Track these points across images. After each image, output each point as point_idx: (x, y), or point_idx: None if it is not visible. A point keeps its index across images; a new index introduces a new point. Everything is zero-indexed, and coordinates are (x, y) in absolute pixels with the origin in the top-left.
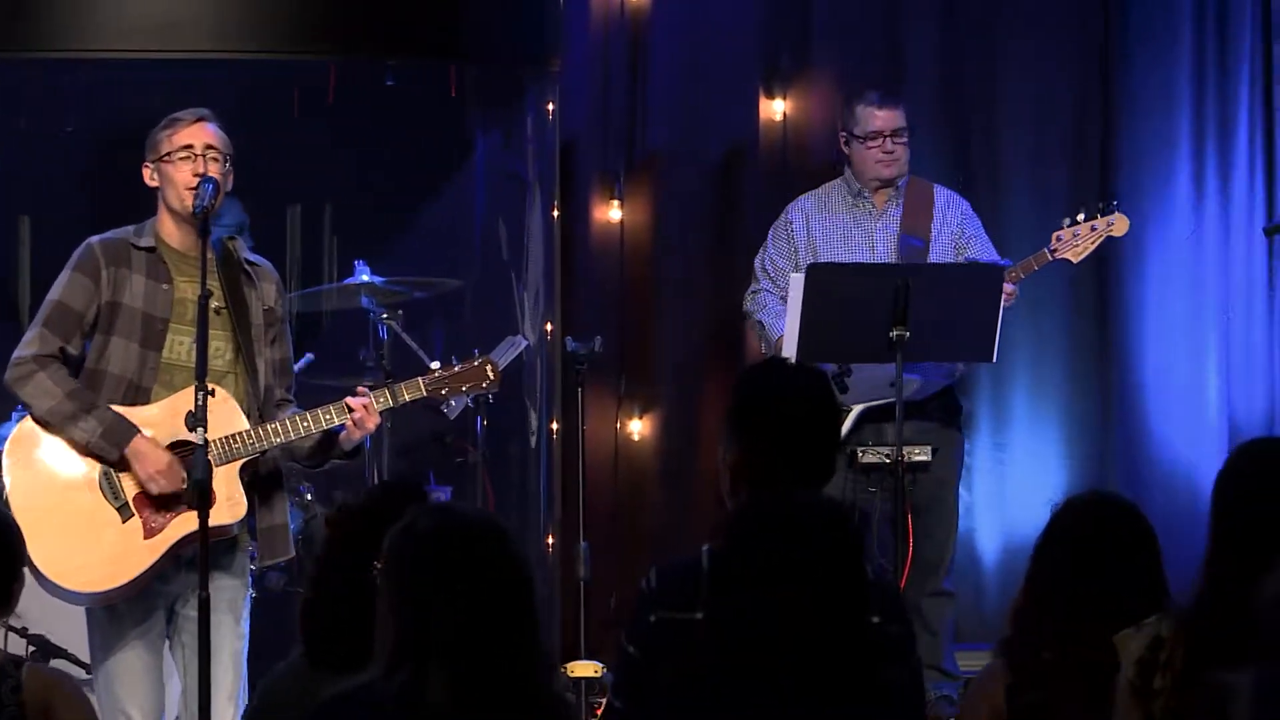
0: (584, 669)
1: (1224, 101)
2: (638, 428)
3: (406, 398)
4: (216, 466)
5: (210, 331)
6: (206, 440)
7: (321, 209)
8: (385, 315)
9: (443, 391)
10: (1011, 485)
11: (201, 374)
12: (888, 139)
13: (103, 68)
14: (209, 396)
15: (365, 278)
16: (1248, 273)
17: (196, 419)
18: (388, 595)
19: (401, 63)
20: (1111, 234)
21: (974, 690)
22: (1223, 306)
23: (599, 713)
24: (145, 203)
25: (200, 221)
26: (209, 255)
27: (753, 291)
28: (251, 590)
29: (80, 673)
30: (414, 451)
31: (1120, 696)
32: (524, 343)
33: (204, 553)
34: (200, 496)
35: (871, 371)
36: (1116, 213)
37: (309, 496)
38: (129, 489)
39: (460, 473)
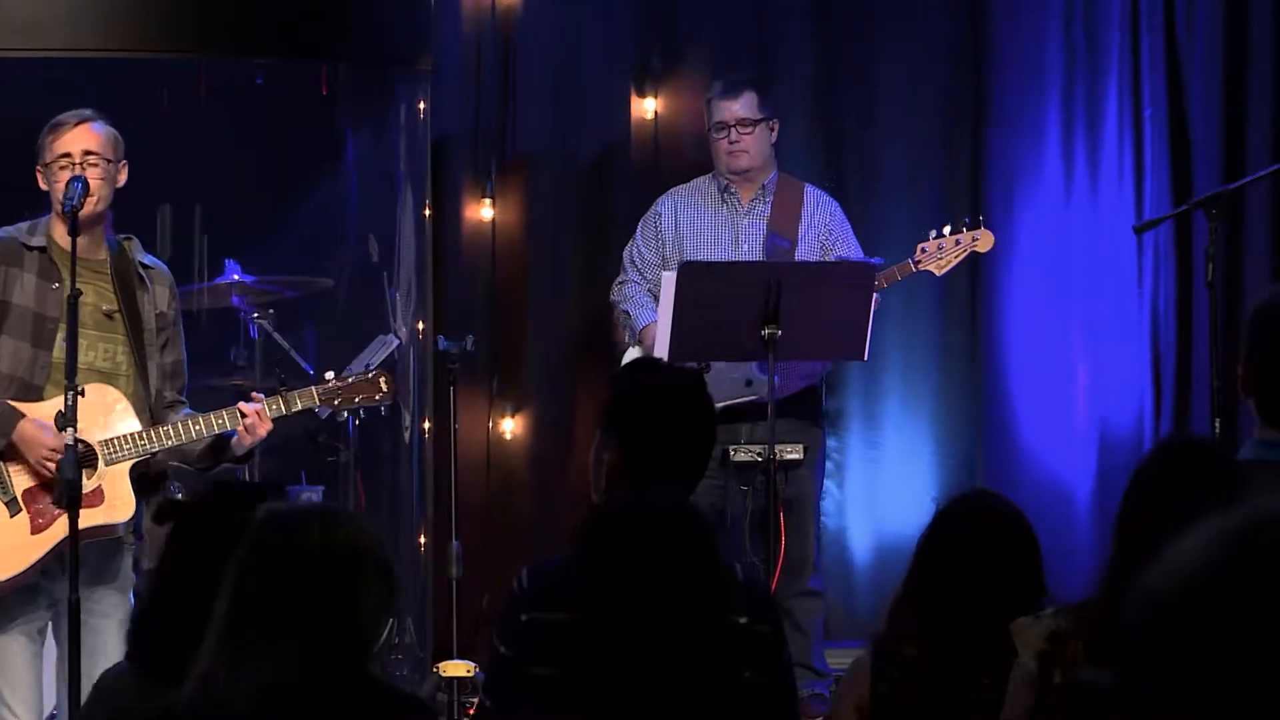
0: (456, 668)
1: (1093, 99)
2: (510, 426)
3: (300, 406)
4: (106, 466)
5: (103, 334)
6: (76, 440)
7: (192, 208)
8: (256, 314)
9: (335, 401)
10: (883, 485)
11: (71, 373)
12: (733, 129)
13: None
14: (81, 396)
15: (236, 277)
16: (1117, 271)
17: (66, 419)
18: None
19: (272, 62)
20: (976, 249)
21: (842, 686)
22: (1093, 305)
23: (470, 712)
24: (20, 201)
25: (69, 220)
26: (104, 257)
27: (620, 283)
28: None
29: None
30: (286, 450)
31: (1015, 685)
32: (395, 342)
33: (74, 553)
34: (71, 497)
35: (728, 372)
36: (982, 229)
37: (180, 497)
38: (18, 484)
39: (332, 472)
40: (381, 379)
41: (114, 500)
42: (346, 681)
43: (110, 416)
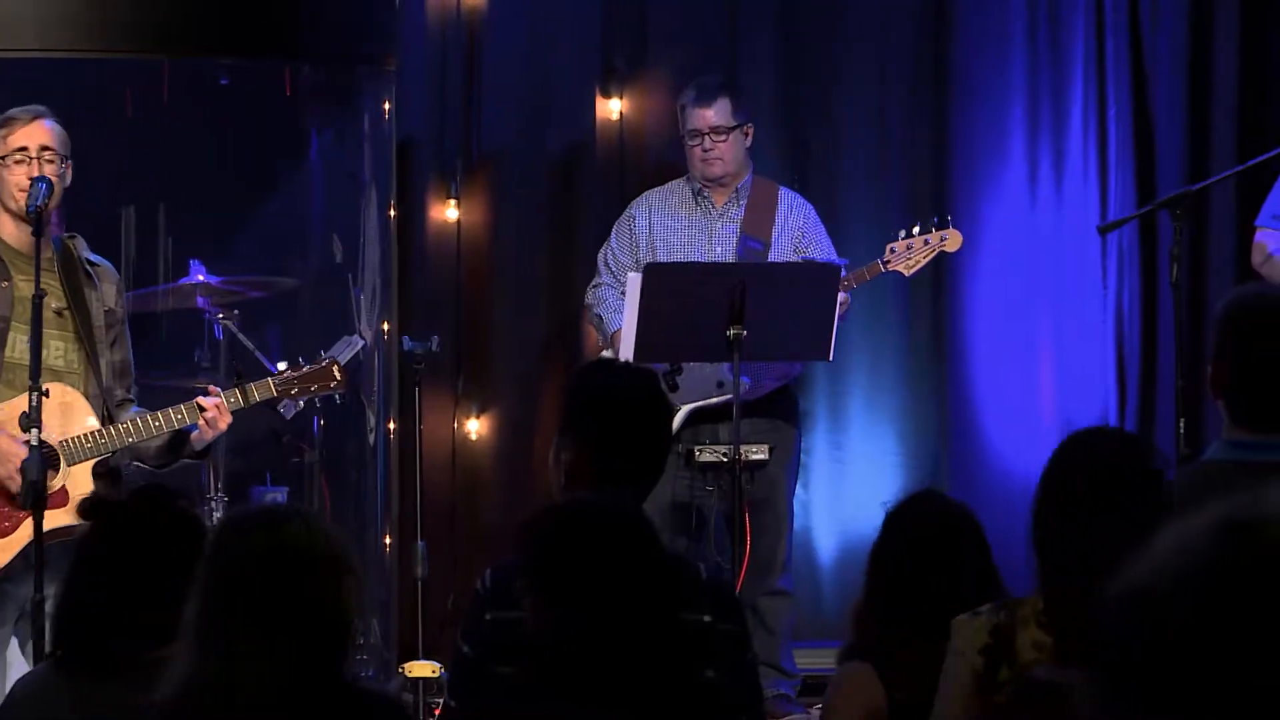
0: (421, 669)
1: (1058, 100)
2: (475, 427)
3: (257, 397)
4: (68, 466)
5: (54, 332)
6: (41, 441)
7: (156, 209)
8: (221, 315)
9: (292, 391)
10: (849, 485)
11: (36, 373)
12: (706, 137)
13: None
14: (49, 396)
15: (201, 278)
16: (1082, 272)
17: (31, 420)
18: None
19: (236, 62)
20: (945, 249)
21: (838, 700)
22: (1058, 306)
23: (437, 713)
24: None
25: (34, 221)
26: (50, 255)
27: (594, 285)
28: None
29: None
30: (250, 451)
31: (954, 682)
32: (361, 342)
33: (39, 555)
34: (35, 498)
35: (701, 371)
36: (950, 228)
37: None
38: None
39: (297, 472)
40: (334, 367)
41: (77, 500)
42: (317, 683)
43: (69, 416)
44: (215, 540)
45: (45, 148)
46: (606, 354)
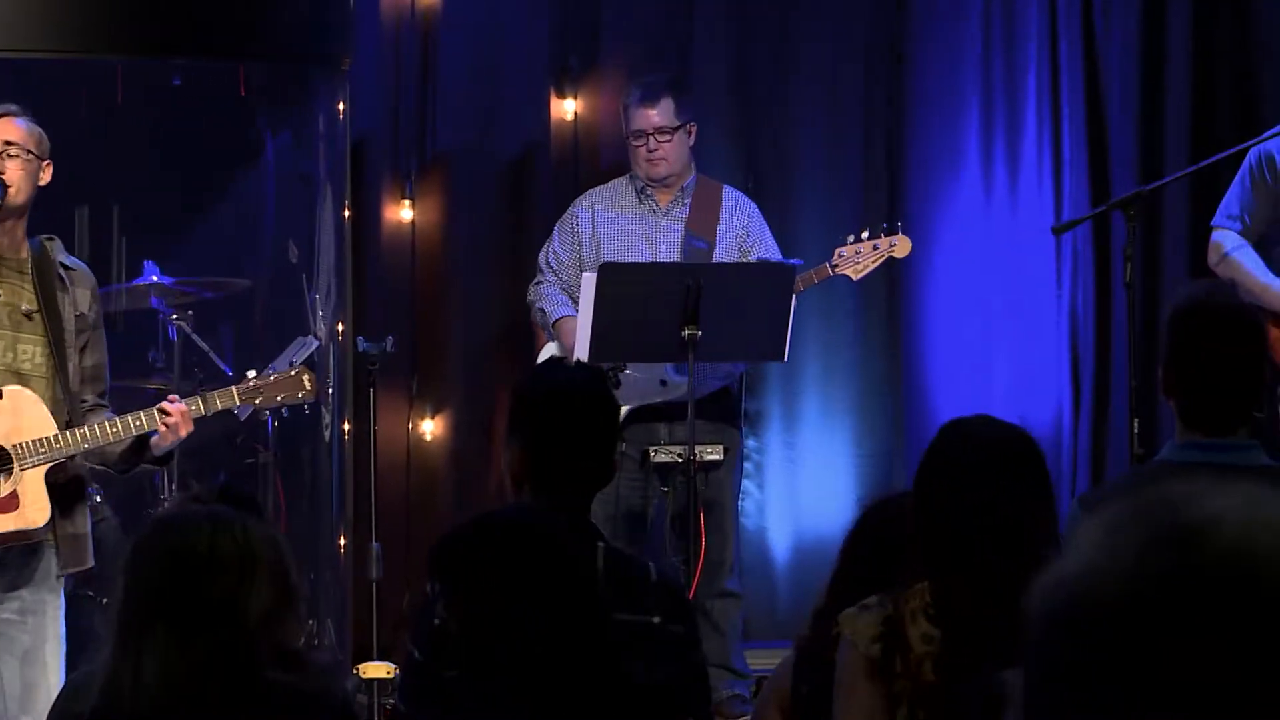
0: (376, 669)
1: (1011, 102)
2: (430, 427)
3: (219, 406)
4: (21, 470)
5: (21, 334)
6: None
7: (110, 210)
8: (175, 316)
9: (257, 400)
10: (802, 485)
11: None
12: (650, 137)
13: None
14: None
15: (155, 278)
16: (1036, 272)
17: None
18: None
19: (189, 62)
20: (893, 254)
21: (767, 686)
22: (1012, 306)
23: (388, 715)
24: None
25: None
26: (25, 256)
27: (536, 284)
28: (63, 593)
29: None
30: (205, 452)
31: (850, 675)
32: (315, 343)
33: None
34: None
35: (642, 372)
36: (900, 235)
37: (98, 499)
38: None
39: (252, 473)
40: (304, 377)
41: (28, 506)
42: (240, 683)
43: (25, 419)
44: (145, 539)
45: (9, 142)
46: (551, 346)
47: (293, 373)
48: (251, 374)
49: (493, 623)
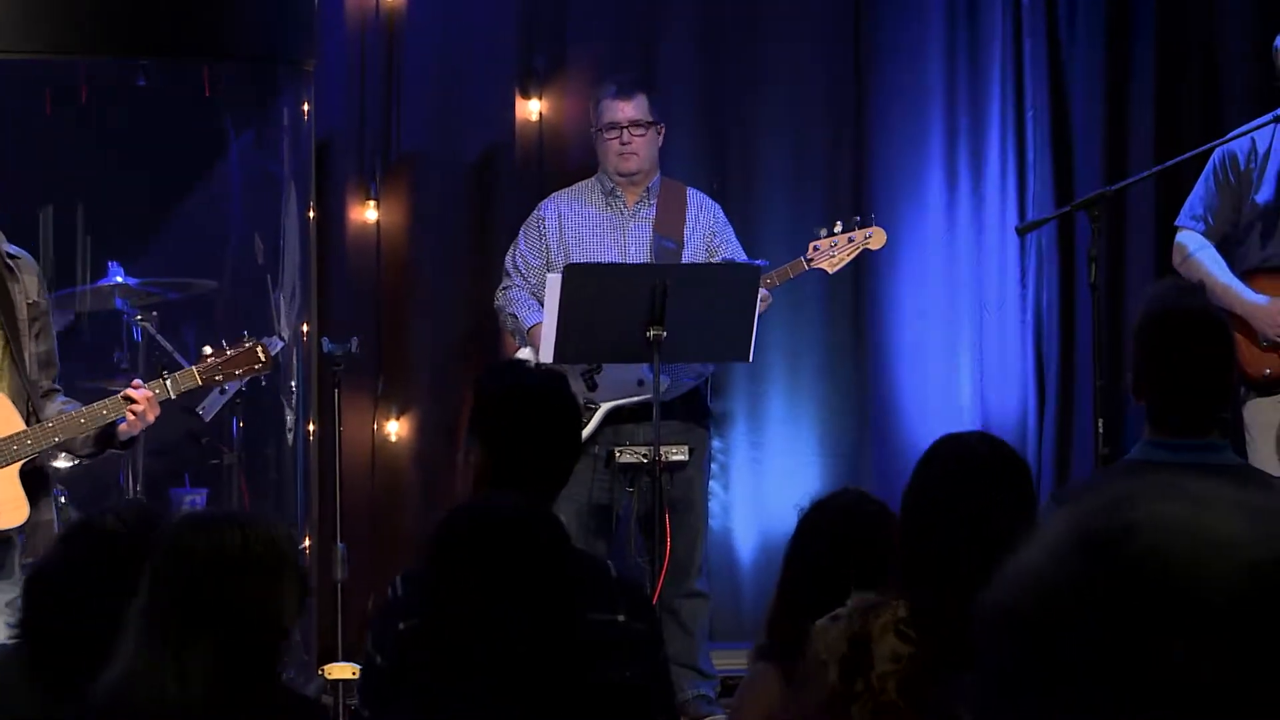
0: (341, 670)
1: (976, 102)
2: (395, 428)
3: (184, 387)
4: None
5: None
6: None
7: (74, 210)
8: (139, 317)
9: (217, 377)
10: (768, 485)
11: None
12: (624, 130)
13: None
14: None
15: (119, 279)
16: (1000, 272)
17: None
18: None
19: (154, 62)
20: (868, 247)
21: (745, 697)
22: (977, 305)
23: (351, 716)
24: None
25: None
26: None
27: (504, 288)
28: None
29: None
30: (169, 453)
31: (810, 691)
32: (280, 344)
33: None
34: None
35: (619, 371)
36: (874, 226)
37: (63, 500)
38: None
39: (216, 474)
40: (258, 349)
41: (5, 505)
42: (260, 683)
43: None
44: (160, 542)
45: None
46: (524, 352)
47: (246, 345)
48: (208, 350)
49: (472, 623)
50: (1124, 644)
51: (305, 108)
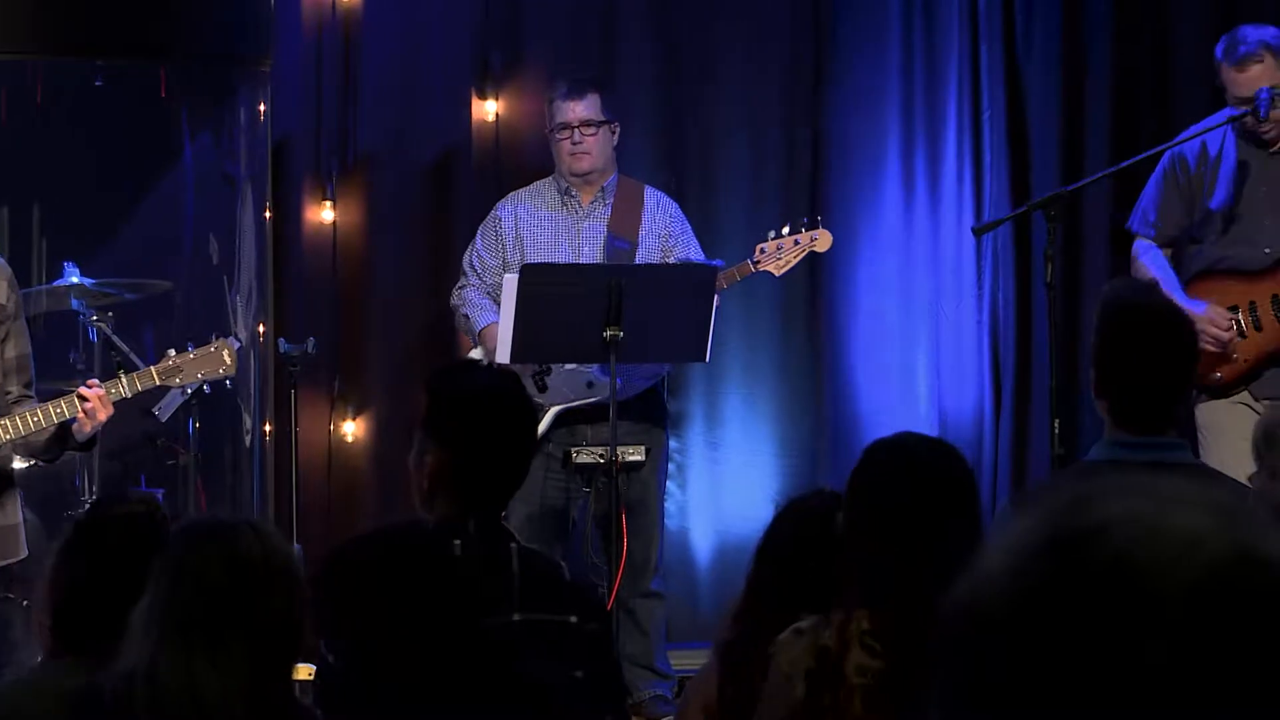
0: (300, 671)
1: (932, 103)
2: (351, 429)
3: (140, 386)
4: None
5: None
6: None
7: (30, 210)
8: (95, 317)
9: (177, 379)
10: (725, 485)
11: None
12: (576, 130)
13: None
14: None
15: (75, 279)
16: (957, 272)
17: None
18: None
19: (110, 63)
20: (815, 249)
21: (689, 689)
22: (934, 306)
23: None
24: None
25: None
26: None
27: (459, 288)
28: None
29: None
30: (125, 454)
31: (775, 707)
32: (236, 344)
33: None
34: None
35: (570, 372)
36: (820, 228)
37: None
38: None
39: (172, 475)
40: (224, 351)
41: None
42: (268, 688)
43: None
44: (174, 546)
45: None
46: (476, 353)
47: (212, 348)
48: (172, 352)
49: (375, 660)
50: (1097, 645)
51: (261, 108)
